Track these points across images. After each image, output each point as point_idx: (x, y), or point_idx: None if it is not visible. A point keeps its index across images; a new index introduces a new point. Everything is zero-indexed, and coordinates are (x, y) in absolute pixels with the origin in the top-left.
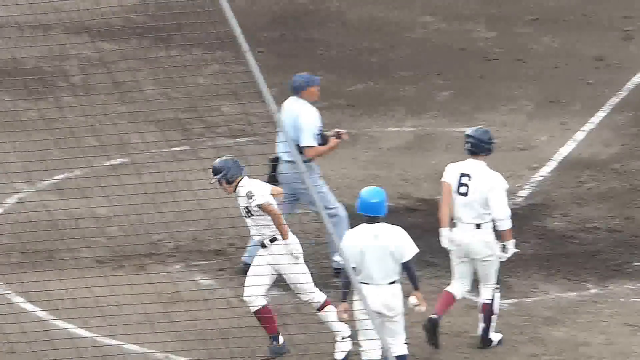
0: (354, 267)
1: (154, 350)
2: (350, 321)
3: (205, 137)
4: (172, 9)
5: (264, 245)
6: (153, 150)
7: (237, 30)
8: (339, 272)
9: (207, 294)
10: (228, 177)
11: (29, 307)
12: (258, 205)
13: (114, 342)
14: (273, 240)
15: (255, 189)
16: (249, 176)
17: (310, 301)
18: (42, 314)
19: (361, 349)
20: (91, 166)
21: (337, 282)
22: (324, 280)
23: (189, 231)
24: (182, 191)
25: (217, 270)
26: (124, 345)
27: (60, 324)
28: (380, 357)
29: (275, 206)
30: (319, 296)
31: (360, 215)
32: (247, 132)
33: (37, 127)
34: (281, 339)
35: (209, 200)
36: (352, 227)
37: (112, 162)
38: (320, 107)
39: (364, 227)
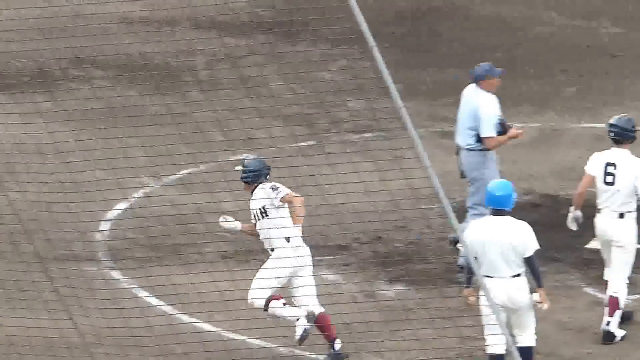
0: (475, 258)
1: (278, 345)
2: (477, 315)
3: (331, 132)
4: (299, 5)
5: (272, 250)
6: (279, 145)
7: (364, 26)
8: (463, 268)
9: (331, 289)
10: (250, 178)
11: (154, 301)
12: (282, 199)
13: (239, 336)
14: (273, 249)
15: (280, 186)
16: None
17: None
18: (168, 309)
19: (486, 343)
20: (217, 161)
21: (461, 277)
22: (448, 276)
23: (314, 226)
24: (308, 186)
25: (342, 265)
26: (248, 340)
27: (186, 318)
28: (504, 352)
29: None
30: (260, 301)
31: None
32: (373, 127)
33: (164, 121)
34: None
35: (335, 195)
36: None
37: (238, 157)
38: (447, 102)
39: (488, 219)
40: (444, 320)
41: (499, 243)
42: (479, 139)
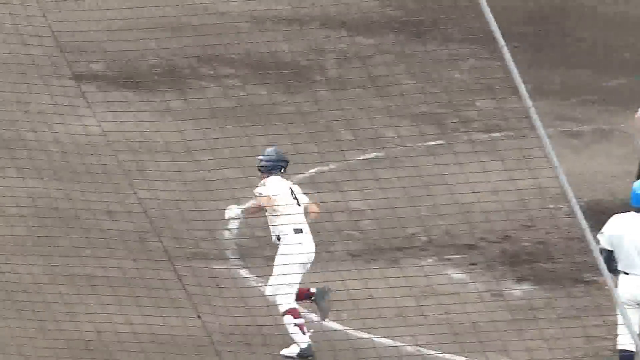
0: (612, 251)
1: (405, 344)
2: (605, 315)
3: (460, 131)
4: (429, 4)
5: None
6: (408, 145)
7: (493, 25)
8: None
9: (459, 288)
10: (263, 167)
11: None
12: (255, 194)
13: (367, 335)
14: (279, 238)
15: (268, 185)
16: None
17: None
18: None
19: (618, 339)
20: (346, 160)
21: (589, 277)
22: (575, 275)
23: (442, 225)
24: (436, 185)
25: (469, 264)
26: (375, 339)
27: (313, 317)
28: (634, 351)
29: (266, 202)
30: (287, 303)
31: None
32: (502, 127)
33: (293, 120)
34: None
35: (463, 195)
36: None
37: (367, 156)
38: (576, 102)
39: (631, 215)
40: (571, 319)
41: (635, 239)
42: None
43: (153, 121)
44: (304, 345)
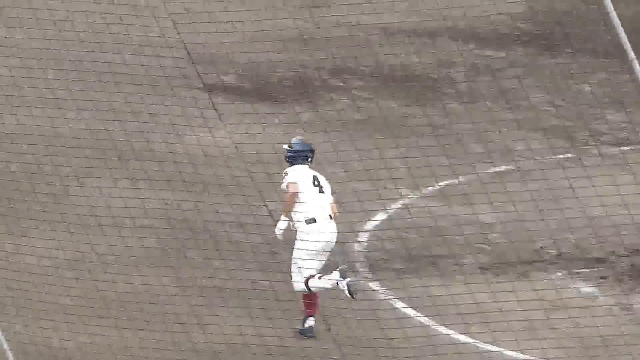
0: None
1: (534, 357)
2: None
3: (590, 145)
4: (559, 17)
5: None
6: (538, 158)
7: (623, 38)
8: None
9: (588, 302)
10: (288, 157)
11: (411, 312)
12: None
13: (495, 348)
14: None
15: (290, 174)
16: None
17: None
18: (425, 320)
19: None
20: (476, 173)
21: None
22: None
23: (571, 238)
24: (566, 198)
25: (599, 278)
26: (504, 352)
27: (443, 329)
28: None
29: (293, 189)
30: (301, 280)
31: None
32: (632, 140)
33: (424, 133)
34: (310, 322)
35: (593, 208)
36: None
37: (497, 169)
38: None
39: None
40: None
41: None
42: None
43: (283, 133)
44: (336, 275)
